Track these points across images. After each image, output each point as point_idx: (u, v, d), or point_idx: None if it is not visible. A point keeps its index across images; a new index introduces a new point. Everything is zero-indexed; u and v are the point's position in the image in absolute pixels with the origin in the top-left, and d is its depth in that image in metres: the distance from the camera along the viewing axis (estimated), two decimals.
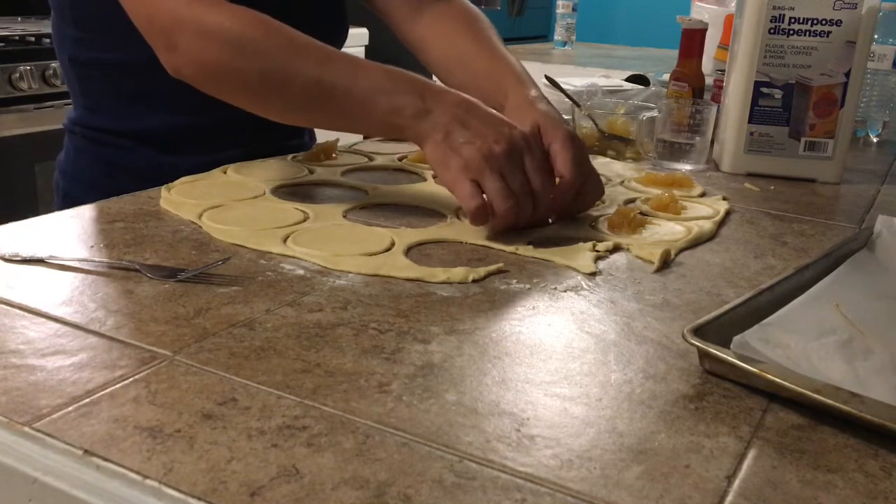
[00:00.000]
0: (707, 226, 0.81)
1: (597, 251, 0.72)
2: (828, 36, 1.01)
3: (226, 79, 0.78)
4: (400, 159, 1.02)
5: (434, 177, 0.94)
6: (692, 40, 1.27)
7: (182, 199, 0.80)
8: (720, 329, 0.53)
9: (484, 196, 0.72)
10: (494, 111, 0.77)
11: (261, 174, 0.90)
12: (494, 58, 0.96)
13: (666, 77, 1.44)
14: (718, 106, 1.14)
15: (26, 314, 0.55)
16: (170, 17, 0.77)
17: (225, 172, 0.91)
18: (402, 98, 0.75)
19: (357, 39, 2.87)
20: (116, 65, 0.79)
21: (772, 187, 1.02)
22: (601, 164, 1.07)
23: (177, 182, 0.85)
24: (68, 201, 0.98)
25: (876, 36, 1.22)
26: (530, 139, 0.75)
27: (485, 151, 0.71)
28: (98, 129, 0.98)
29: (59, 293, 0.58)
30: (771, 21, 1.01)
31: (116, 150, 0.98)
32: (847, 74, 1.02)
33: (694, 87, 1.26)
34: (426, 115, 0.74)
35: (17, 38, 2.04)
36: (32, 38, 2.04)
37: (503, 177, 0.72)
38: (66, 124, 1.03)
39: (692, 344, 0.51)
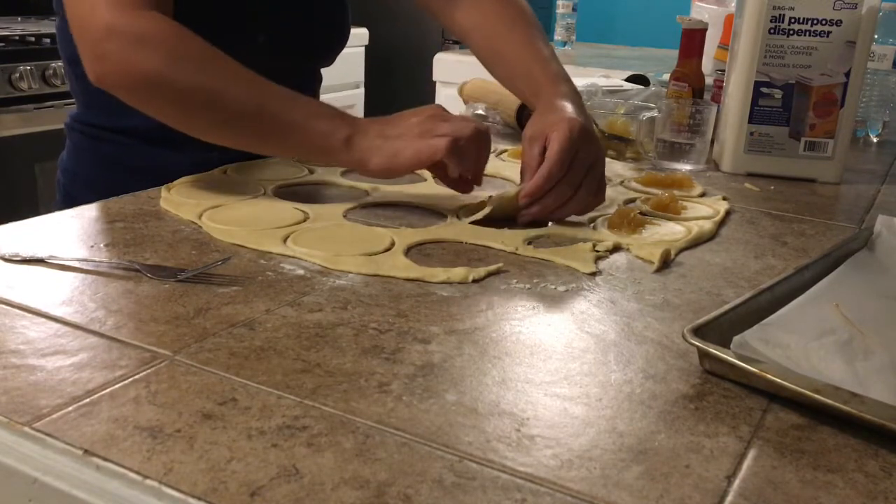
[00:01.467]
0: (707, 226, 0.81)
1: (597, 251, 0.72)
2: (828, 36, 1.01)
3: (157, 89, 0.77)
4: None
5: (434, 177, 0.94)
6: (692, 40, 1.27)
7: (182, 199, 0.80)
8: (720, 329, 0.53)
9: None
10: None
11: (261, 174, 0.90)
12: (529, 55, 0.95)
13: (666, 77, 1.43)
14: (718, 106, 1.14)
15: (26, 314, 0.55)
16: (103, 26, 0.76)
17: (225, 172, 0.91)
18: (335, 124, 0.78)
19: (357, 39, 2.87)
20: None
21: (772, 187, 1.02)
22: None
23: (177, 182, 0.85)
24: (68, 199, 0.99)
25: (876, 36, 1.22)
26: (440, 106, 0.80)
27: (422, 119, 0.77)
28: (96, 125, 0.99)
29: (59, 293, 0.58)
30: (771, 21, 1.01)
31: (114, 146, 0.99)
32: (847, 74, 1.02)
33: (694, 87, 1.26)
34: (359, 137, 0.77)
35: (17, 38, 2.04)
36: (32, 38, 2.04)
37: (449, 121, 0.77)
38: (67, 122, 1.04)
39: (692, 344, 0.51)
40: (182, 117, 0.80)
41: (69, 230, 0.73)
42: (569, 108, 0.83)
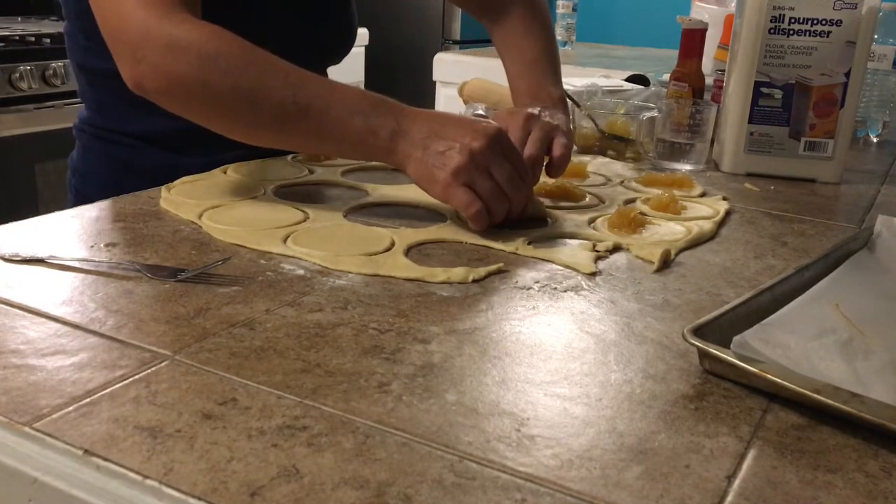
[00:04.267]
0: (707, 226, 0.81)
1: (597, 251, 0.72)
2: (828, 36, 1.01)
3: (194, 93, 0.76)
4: None
5: None
6: (692, 40, 1.27)
7: (182, 199, 0.80)
8: (720, 329, 0.53)
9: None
10: (466, 117, 0.79)
11: (261, 174, 0.90)
12: (523, 77, 1.05)
13: (666, 77, 1.43)
14: (718, 106, 1.14)
15: (26, 314, 0.55)
16: (139, 30, 0.75)
17: (225, 172, 0.91)
18: (377, 120, 0.75)
19: (357, 39, 2.87)
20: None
21: (772, 187, 1.02)
22: (601, 163, 1.07)
23: (177, 182, 0.85)
24: (80, 198, 1.00)
25: (876, 36, 1.22)
26: (503, 130, 0.76)
27: (467, 153, 0.72)
28: (107, 129, 1.00)
29: (59, 293, 0.58)
30: (771, 21, 1.01)
31: (125, 149, 0.99)
32: (847, 74, 1.02)
33: (694, 87, 1.26)
34: (402, 135, 0.74)
35: (17, 38, 2.04)
36: (32, 38, 2.04)
37: (491, 175, 0.73)
38: (77, 123, 1.04)
39: (692, 344, 0.51)
40: (221, 120, 0.79)
41: (69, 230, 0.73)
42: (526, 109, 0.90)
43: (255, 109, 0.76)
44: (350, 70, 2.87)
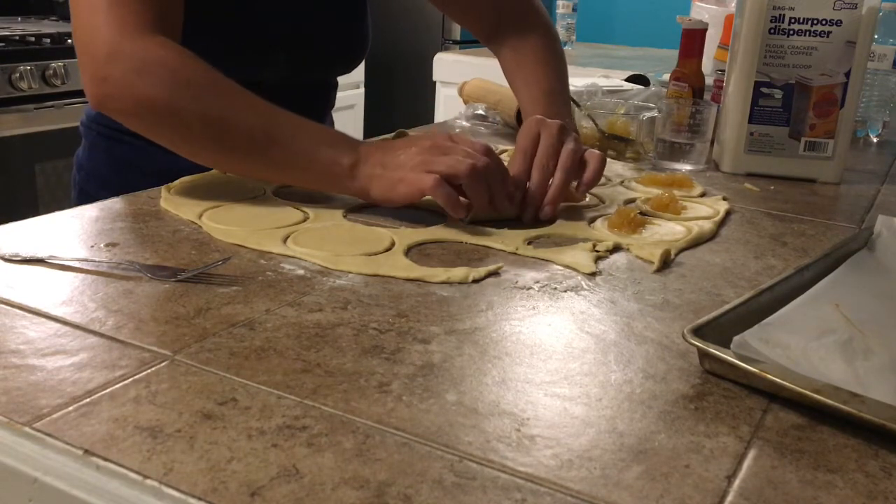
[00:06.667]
0: (707, 226, 0.81)
1: (597, 251, 0.72)
2: (828, 36, 1.01)
3: (162, 117, 0.76)
4: None
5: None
6: (692, 40, 1.27)
7: (182, 199, 0.80)
8: (720, 329, 0.53)
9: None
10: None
11: None
12: (539, 105, 1.02)
13: (666, 77, 1.43)
14: (718, 106, 1.14)
15: (26, 314, 0.55)
16: (108, 48, 0.74)
17: (225, 172, 0.91)
18: (341, 151, 0.77)
19: None
20: None
21: (772, 187, 1.02)
22: None
23: (177, 182, 0.85)
24: (83, 195, 1.01)
25: (876, 36, 1.22)
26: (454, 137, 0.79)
27: (418, 149, 0.75)
28: (112, 127, 1.00)
29: (59, 293, 0.58)
30: (771, 21, 1.01)
31: (130, 147, 0.99)
32: (847, 74, 1.02)
33: (694, 87, 1.26)
34: (362, 162, 0.77)
35: (17, 38, 2.04)
36: (32, 38, 2.04)
37: (447, 153, 0.75)
38: (83, 120, 1.05)
39: (692, 344, 0.51)
40: (186, 145, 0.79)
41: (69, 230, 0.73)
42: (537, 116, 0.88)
43: (224, 136, 0.77)
44: None
